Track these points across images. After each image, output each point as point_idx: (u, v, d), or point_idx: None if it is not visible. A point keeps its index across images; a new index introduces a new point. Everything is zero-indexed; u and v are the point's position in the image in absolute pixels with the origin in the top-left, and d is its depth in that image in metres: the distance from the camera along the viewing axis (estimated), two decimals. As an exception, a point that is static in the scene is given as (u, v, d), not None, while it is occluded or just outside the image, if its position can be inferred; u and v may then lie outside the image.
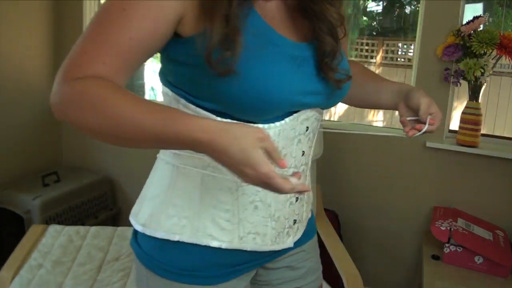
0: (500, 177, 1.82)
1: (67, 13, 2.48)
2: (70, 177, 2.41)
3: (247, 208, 0.70)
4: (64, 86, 0.58)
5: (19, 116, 2.35)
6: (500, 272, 1.58)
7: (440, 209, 1.85)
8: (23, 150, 2.38)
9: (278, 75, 0.64)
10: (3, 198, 2.15)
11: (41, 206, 2.08)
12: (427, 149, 1.90)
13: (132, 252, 0.79)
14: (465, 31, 1.72)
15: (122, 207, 2.60)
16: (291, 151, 0.71)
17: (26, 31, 2.33)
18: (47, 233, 1.80)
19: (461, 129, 1.82)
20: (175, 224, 0.70)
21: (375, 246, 2.08)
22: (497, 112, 3.60)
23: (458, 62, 1.77)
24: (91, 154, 2.60)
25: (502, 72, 3.53)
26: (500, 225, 1.80)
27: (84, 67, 0.59)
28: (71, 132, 2.62)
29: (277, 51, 0.65)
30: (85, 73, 0.58)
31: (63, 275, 1.56)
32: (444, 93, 1.86)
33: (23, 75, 2.35)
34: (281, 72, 0.64)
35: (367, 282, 2.06)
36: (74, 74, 0.58)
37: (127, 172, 2.54)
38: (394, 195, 2.01)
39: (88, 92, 0.56)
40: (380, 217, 2.05)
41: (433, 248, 1.74)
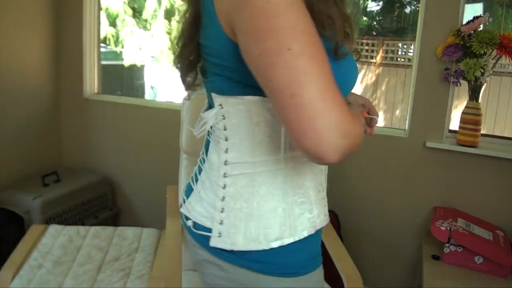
0: (500, 177, 1.82)
1: (67, 13, 2.48)
2: (70, 177, 2.41)
3: (318, 192, 0.79)
4: (353, 119, 0.60)
5: (19, 116, 2.35)
6: (500, 272, 1.58)
7: (440, 209, 1.85)
8: (23, 150, 2.38)
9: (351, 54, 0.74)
10: (3, 198, 2.15)
11: (41, 206, 2.08)
12: (427, 149, 1.90)
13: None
14: (465, 31, 1.72)
15: (122, 207, 2.60)
16: None
17: (26, 31, 2.33)
18: (47, 233, 1.80)
19: (461, 129, 1.82)
20: (275, 231, 0.73)
21: (375, 246, 2.08)
22: (497, 112, 3.60)
23: (458, 62, 1.77)
24: (91, 154, 2.61)
25: (502, 72, 3.54)
26: (500, 225, 1.80)
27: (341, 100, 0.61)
28: (71, 132, 2.62)
29: None
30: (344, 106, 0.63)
31: (63, 275, 1.56)
32: (444, 93, 1.86)
33: (23, 75, 2.35)
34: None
35: (367, 282, 2.07)
36: (349, 111, 0.60)
37: (127, 172, 2.54)
38: (394, 195, 2.01)
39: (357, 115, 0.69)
40: (380, 217, 2.05)
41: (433, 248, 1.75)
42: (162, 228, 1.81)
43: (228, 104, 0.72)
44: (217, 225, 0.75)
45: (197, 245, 0.79)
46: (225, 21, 0.63)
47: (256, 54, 0.57)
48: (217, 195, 0.76)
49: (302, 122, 0.55)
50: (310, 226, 0.76)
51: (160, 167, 2.43)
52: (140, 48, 4.35)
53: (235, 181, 0.74)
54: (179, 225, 1.69)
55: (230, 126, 0.73)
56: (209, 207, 0.77)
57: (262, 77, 0.59)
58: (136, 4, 4.45)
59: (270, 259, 0.73)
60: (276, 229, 0.73)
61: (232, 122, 0.73)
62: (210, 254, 0.77)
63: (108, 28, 4.01)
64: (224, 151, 0.75)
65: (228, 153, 0.74)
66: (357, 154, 1.62)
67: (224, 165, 0.75)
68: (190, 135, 1.72)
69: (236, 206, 0.74)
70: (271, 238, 0.73)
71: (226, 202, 0.75)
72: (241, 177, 0.74)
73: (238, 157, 0.74)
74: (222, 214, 0.75)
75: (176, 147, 1.82)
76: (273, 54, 0.55)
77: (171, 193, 1.88)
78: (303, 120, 0.54)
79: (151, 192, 2.47)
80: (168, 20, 4.32)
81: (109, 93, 2.66)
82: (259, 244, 0.72)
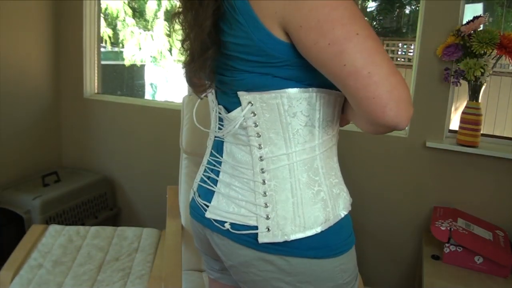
0: (500, 177, 1.82)
1: (67, 13, 2.48)
2: (70, 177, 2.41)
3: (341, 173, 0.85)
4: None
5: (19, 117, 2.35)
6: (500, 272, 1.58)
7: (440, 209, 1.85)
8: (23, 150, 2.38)
9: None
10: (3, 198, 2.15)
11: (41, 206, 2.08)
12: (427, 149, 1.90)
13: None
14: (465, 31, 1.72)
15: (122, 207, 2.60)
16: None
17: (26, 31, 2.33)
18: (47, 233, 1.80)
19: (461, 129, 1.82)
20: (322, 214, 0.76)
21: (375, 246, 2.08)
22: (497, 112, 3.60)
23: (458, 62, 1.77)
24: (91, 154, 2.61)
25: (502, 72, 3.54)
26: (500, 225, 1.80)
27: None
28: (71, 132, 2.62)
29: None
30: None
31: (63, 275, 1.56)
32: (444, 93, 1.86)
33: (23, 75, 2.35)
34: None
35: (367, 282, 2.07)
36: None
37: (127, 172, 2.54)
38: (394, 195, 2.01)
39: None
40: (380, 217, 2.05)
41: (433, 248, 1.75)
42: (162, 228, 1.81)
43: (261, 100, 0.73)
44: (263, 221, 0.75)
45: (239, 246, 0.78)
46: (273, 21, 0.65)
47: (325, 44, 0.62)
48: (256, 191, 0.76)
49: (383, 96, 0.60)
50: (347, 204, 0.81)
51: (160, 167, 2.43)
52: (140, 48, 4.35)
53: (275, 174, 0.75)
54: (179, 225, 1.69)
55: (263, 122, 0.74)
56: (248, 205, 0.77)
57: (334, 64, 0.63)
58: (136, 4, 4.45)
59: (320, 243, 0.75)
60: (322, 213, 0.76)
61: (265, 117, 0.74)
62: (258, 251, 0.76)
63: (105, 29, 4.01)
64: (257, 148, 0.76)
65: (262, 148, 0.75)
66: (357, 153, 1.62)
67: (260, 161, 0.76)
68: (190, 135, 1.72)
69: (281, 198, 0.75)
70: (320, 222, 0.75)
71: (269, 196, 0.75)
72: (281, 169, 0.75)
73: (274, 150, 0.75)
74: (267, 209, 0.75)
75: (176, 147, 1.82)
76: (343, 41, 0.61)
77: (171, 193, 1.88)
78: (383, 94, 0.60)
79: (151, 192, 2.47)
80: (168, 21, 4.32)
81: (109, 93, 2.66)
82: (311, 230, 0.74)
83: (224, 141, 0.81)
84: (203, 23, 0.70)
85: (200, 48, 0.72)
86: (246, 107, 0.74)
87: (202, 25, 0.70)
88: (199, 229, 0.88)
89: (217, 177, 0.83)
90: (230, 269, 0.84)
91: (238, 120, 0.76)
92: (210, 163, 0.86)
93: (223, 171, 0.81)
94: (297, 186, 0.75)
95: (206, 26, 0.70)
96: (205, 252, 0.95)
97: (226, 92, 0.77)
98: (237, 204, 0.78)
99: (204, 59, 0.73)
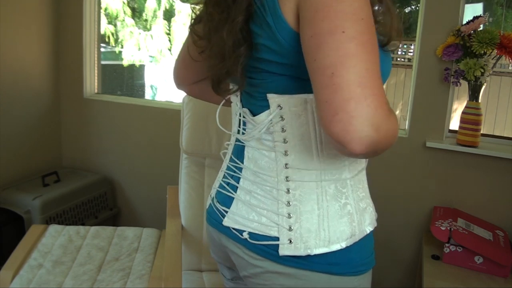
0: (500, 177, 1.82)
1: (67, 13, 2.48)
2: (70, 177, 2.41)
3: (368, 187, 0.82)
4: (390, 116, 0.57)
5: (19, 116, 2.35)
6: (500, 272, 1.58)
7: (440, 209, 1.85)
8: (23, 150, 2.38)
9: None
10: (3, 198, 2.15)
11: (41, 206, 2.08)
12: (427, 149, 1.90)
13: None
14: (465, 31, 1.72)
15: (122, 207, 2.60)
16: None
17: (26, 31, 2.33)
18: (47, 233, 1.80)
19: (461, 129, 1.82)
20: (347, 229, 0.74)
21: (375, 246, 2.08)
22: (497, 112, 3.60)
23: (458, 62, 1.77)
24: (91, 154, 2.61)
25: (502, 72, 3.54)
26: (500, 225, 1.80)
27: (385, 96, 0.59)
28: (71, 132, 2.62)
29: None
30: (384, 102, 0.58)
31: (63, 275, 1.56)
32: (444, 93, 1.86)
33: (23, 75, 2.35)
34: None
35: (367, 282, 2.07)
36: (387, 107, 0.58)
37: (127, 172, 2.54)
38: (394, 195, 2.01)
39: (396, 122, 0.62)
40: (380, 217, 2.04)
41: (433, 248, 1.75)
42: (162, 228, 1.81)
43: (291, 104, 0.69)
44: (285, 232, 0.71)
45: (257, 257, 0.74)
46: (293, 15, 0.62)
47: (309, 35, 0.57)
48: (279, 200, 0.72)
49: (336, 103, 0.54)
50: (373, 219, 0.79)
51: (160, 167, 2.42)
52: (139, 48, 4.35)
53: (301, 183, 0.71)
54: (179, 225, 1.69)
55: (291, 127, 0.70)
56: (270, 214, 0.73)
57: (309, 57, 0.58)
58: (136, 4, 4.44)
59: (341, 259, 0.72)
60: (348, 227, 0.72)
61: (294, 122, 0.70)
62: (277, 263, 0.72)
63: (107, 26, 4.01)
64: (283, 154, 0.72)
65: (288, 155, 0.71)
66: (357, 154, 1.58)
67: (285, 169, 0.72)
68: (190, 135, 1.72)
69: (306, 209, 0.71)
70: (345, 237, 0.72)
71: (293, 206, 0.71)
72: (307, 178, 0.71)
73: (302, 158, 0.71)
74: (290, 219, 0.71)
75: (176, 147, 1.82)
76: (326, 34, 0.55)
77: (171, 193, 1.88)
78: (337, 101, 0.54)
79: (151, 192, 2.47)
80: (168, 21, 4.32)
81: (109, 93, 2.66)
82: (335, 244, 0.71)
83: (246, 146, 0.78)
84: (235, 18, 0.67)
85: (233, 45, 0.68)
86: (275, 110, 0.70)
87: (235, 20, 0.67)
88: (215, 235, 0.84)
89: (237, 184, 0.79)
90: (244, 279, 0.80)
91: (265, 124, 0.72)
92: (229, 169, 0.82)
93: (243, 178, 0.78)
94: (324, 198, 0.72)
95: (238, 22, 0.67)
96: (219, 261, 0.91)
97: (254, 95, 0.74)
98: (258, 213, 0.74)
99: (236, 56, 0.69)
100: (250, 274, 0.77)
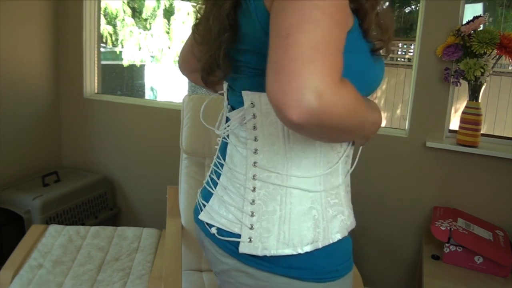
0: (500, 177, 1.82)
1: (67, 13, 2.48)
2: (70, 177, 2.41)
3: (347, 193, 0.77)
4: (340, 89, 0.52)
5: (20, 116, 2.35)
6: (500, 272, 1.58)
7: (440, 209, 1.85)
8: (23, 150, 2.38)
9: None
10: (3, 198, 2.15)
11: (41, 206, 2.08)
12: (427, 149, 1.90)
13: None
14: (465, 31, 1.72)
15: (122, 207, 2.60)
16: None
17: (26, 31, 2.33)
18: (47, 233, 1.80)
19: (461, 129, 1.82)
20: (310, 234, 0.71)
21: (375, 246, 2.09)
22: (497, 112, 3.60)
23: (458, 62, 1.77)
24: (91, 154, 2.61)
25: (502, 72, 3.54)
26: (500, 225, 1.80)
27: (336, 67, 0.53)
28: (71, 132, 2.62)
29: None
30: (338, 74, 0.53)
31: (63, 275, 1.56)
32: (444, 93, 1.86)
33: (23, 75, 2.35)
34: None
35: (367, 282, 2.07)
36: (338, 78, 0.53)
37: (127, 172, 2.54)
38: (394, 195, 2.01)
39: (357, 97, 0.56)
40: (380, 217, 2.05)
41: (433, 248, 1.75)
42: (162, 228, 1.81)
43: (263, 102, 0.68)
44: (247, 230, 0.71)
45: (223, 253, 0.75)
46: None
47: (277, 3, 0.55)
48: (245, 198, 0.72)
49: (281, 62, 0.50)
50: (343, 228, 0.74)
51: (160, 167, 2.43)
52: (139, 48, 4.35)
53: (266, 182, 0.71)
54: (179, 225, 1.68)
55: (262, 125, 0.70)
56: (236, 211, 0.73)
57: (272, 23, 0.54)
58: (136, 4, 4.44)
59: (304, 264, 0.70)
60: (310, 232, 0.70)
61: (265, 120, 0.69)
62: (239, 261, 0.72)
63: (106, 26, 4.01)
64: (252, 152, 0.71)
65: (257, 154, 0.71)
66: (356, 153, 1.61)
67: (253, 167, 0.71)
68: (190, 134, 1.72)
69: (269, 209, 0.70)
70: (306, 242, 0.69)
71: (257, 205, 0.71)
72: (273, 178, 0.70)
73: (270, 157, 0.70)
74: (253, 218, 0.71)
75: (176, 147, 1.82)
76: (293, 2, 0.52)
77: (171, 193, 1.88)
78: (283, 60, 0.50)
79: (151, 192, 2.47)
80: (167, 19, 4.32)
81: (109, 93, 2.66)
82: (294, 248, 0.69)
83: (228, 143, 0.78)
84: (223, 4, 0.67)
85: (218, 31, 0.68)
86: (248, 107, 0.70)
87: (222, 6, 0.67)
88: (197, 230, 0.85)
89: (218, 180, 0.79)
90: (216, 275, 0.81)
91: (236, 120, 0.72)
92: (215, 165, 0.83)
93: (223, 174, 0.78)
94: (287, 199, 0.70)
95: (226, 8, 0.66)
96: (205, 255, 0.91)
97: (235, 91, 0.74)
98: (227, 209, 0.75)
99: (220, 42, 0.68)
100: (219, 270, 0.77)
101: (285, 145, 0.69)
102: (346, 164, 0.76)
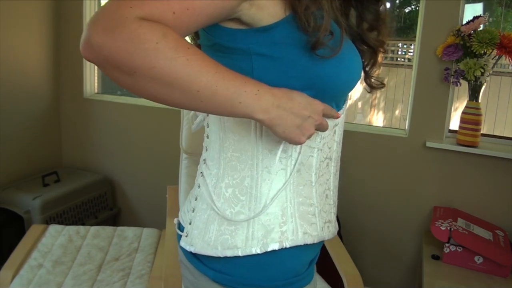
0: (500, 177, 1.82)
1: (67, 13, 2.48)
2: (70, 177, 2.41)
3: (322, 199, 0.71)
4: (127, 19, 0.47)
5: (19, 116, 2.35)
6: (500, 272, 1.58)
7: (440, 209, 1.85)
8: (23, 150, 2.38)
9: (356, 57, 0.67)
10: (3, 198, 2.15)
11: (41, 206, 2.08)
12: (427, 149, 1.90)
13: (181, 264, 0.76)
14: (465, 31, 1.72)
15: (122, 207, 2.60)
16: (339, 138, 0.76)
17: (26, 31, 2.33)
18: (47, 233, 1.80)
19: (461, 129, 1.82)
20: (234, 238, 0.66)
21: (375, 246, 2.08)
22: (497, 112, 3.60)
23: (458, 62, 1.77)
24: (91, 154, 2.61)
25: (502, 72, 3.54)
26: (500, 225, 1.80)
27: (153, 8, 0.48)
28: (71, 132, 2.62)
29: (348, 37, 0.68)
30: (152, 16, 0.48)
31: (63, 275, 1.56)
32: (444, 93, 1.86)
33: (23, 75, 2.35)
34: (356, 55, 0.68)
35: (367, 282, 2.07)
36: (139, 12, 0.48)
37: (127, 172, 2.54)
38: (394, 195, 2.01)
39: (171, 37, 0.49)
40: (380, 217, 2.05)
41: (433, 248, 1.75)
42: (162, 228, 1.81)
43: None
44: (187, 225, 0.72)
45: (178, 246, 0.76)
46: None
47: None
48: (193, 194, 0.75)
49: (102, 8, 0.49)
50: (285, 240, 0.65)
51: (160, 167, 2.43)
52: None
53: (205, 180, 0.70)
54: (179, 225, 1.69)
55: (212, 124, 0.70)
56: (188, 205, 0.76)
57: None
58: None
59: (226, 269, 0.66)
60: (235, 237, 0.65)
61: (213, 119, 0.69)
62: (183, 255, 0.73)
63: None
64: (205, 149, 0.72)
65: (207, 151, 0.72)
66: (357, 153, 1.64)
67: (203, 164, 0.72)
68: (190, 135, 1.72)
69: (202, 207, 0.70)
70: (227, 246, 0.65)
71: (197, 202, 0.71)
72: (211, 176, 0.69)
73: (211, 155, 0.70)
74: (192, 214, 0.72)
75: (176, 147, 1.82)
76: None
77: (171, 193, 1.88)
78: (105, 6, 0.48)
79: (151, 192, 2.47)
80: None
81: (109, 93, 2.66)
82: (214, 249, 0.66)
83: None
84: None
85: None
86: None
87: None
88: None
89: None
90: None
91: (191, 116, 0.74)
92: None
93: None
94: (218, 199, 0.67)
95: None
96: None
97: None
98: (186, 203, 0.78)
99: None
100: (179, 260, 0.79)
101: (222, 145, 0.68)
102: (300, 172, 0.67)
